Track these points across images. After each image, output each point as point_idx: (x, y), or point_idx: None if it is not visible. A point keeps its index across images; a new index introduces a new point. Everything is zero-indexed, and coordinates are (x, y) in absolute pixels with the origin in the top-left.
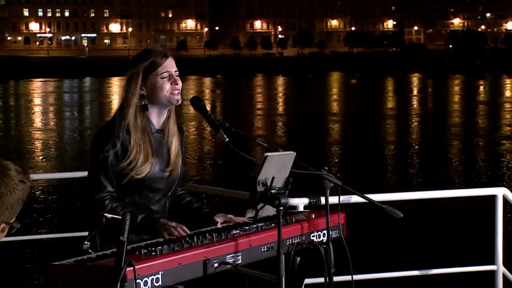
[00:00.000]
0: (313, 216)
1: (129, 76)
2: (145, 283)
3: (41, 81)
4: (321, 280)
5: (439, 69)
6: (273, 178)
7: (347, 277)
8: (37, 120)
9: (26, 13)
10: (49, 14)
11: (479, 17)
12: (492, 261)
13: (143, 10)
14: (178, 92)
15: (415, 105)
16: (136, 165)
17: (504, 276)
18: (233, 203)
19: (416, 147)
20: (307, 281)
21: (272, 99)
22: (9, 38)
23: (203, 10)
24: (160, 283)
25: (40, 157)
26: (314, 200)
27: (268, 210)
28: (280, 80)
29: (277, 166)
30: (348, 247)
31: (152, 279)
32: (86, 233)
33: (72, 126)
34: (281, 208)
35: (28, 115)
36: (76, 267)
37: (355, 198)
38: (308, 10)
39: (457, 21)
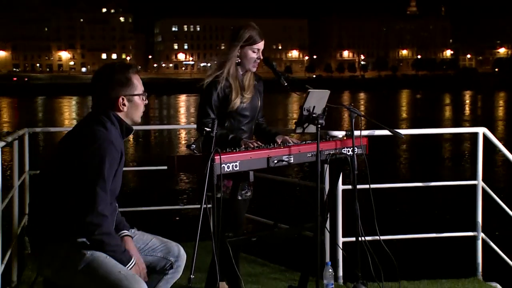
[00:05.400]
0: (345, 138)
1: (231, 42)
2: (228, 167)
3: (185, 96)
4: (350, 187)
5: (486, 87)
6: (314, 106)
7: (366, 186)
8: (182, 121)
9: (175, 46)
10: (192, 47)
11: None
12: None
13: None
14: (257, 64)
15: (467, 113)
16: (230, 99)
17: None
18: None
19: (467, 144)
20: (341, 187)
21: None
22: (163, 65)
23: (305, 43)
24: (237, 168)
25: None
26: (349, 133)
27: (312, 128)
28: (362, 96)
29: (317, 99)
30: (368, 163)
31: (233, 165)
32: None
33: None
34: (319, 126)
35: (182, 119)
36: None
37: (378, 132)
38: (384, 43)
39: (502, 50)
